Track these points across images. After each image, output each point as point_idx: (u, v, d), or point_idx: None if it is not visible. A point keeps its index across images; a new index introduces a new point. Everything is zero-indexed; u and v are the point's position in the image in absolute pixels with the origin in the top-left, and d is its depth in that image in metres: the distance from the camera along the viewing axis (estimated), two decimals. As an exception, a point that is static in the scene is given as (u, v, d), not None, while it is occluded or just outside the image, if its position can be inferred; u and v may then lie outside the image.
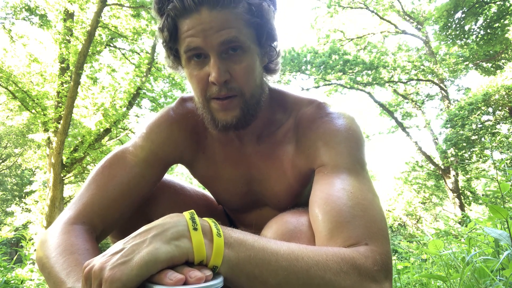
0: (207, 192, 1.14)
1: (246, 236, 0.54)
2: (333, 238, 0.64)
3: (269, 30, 0.80)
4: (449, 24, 10.40)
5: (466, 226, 2.62)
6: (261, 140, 0.92)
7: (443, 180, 13.24)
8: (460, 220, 8.61)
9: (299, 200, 0.93)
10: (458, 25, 10.36)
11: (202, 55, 0.75)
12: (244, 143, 0.93)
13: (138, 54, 10.41)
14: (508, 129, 11.13)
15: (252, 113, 0.81)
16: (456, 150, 11.41)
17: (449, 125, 11.35)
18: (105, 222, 0.82)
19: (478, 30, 10.49)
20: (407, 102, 14.58)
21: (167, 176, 1.01)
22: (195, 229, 0.49)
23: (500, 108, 10.75)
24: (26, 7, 8.67)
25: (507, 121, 10.86)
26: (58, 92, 8.68)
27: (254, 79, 0.79)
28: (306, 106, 0.89)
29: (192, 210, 0.53)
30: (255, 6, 0.74)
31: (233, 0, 0.71)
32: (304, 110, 0.88)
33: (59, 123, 8.06)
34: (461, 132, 10.81)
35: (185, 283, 0.45)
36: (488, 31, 10.28)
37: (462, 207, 12.23)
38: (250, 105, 0.79)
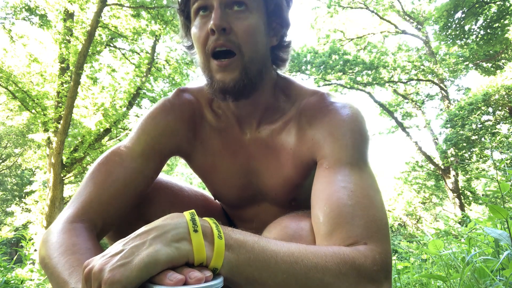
0: (205, 192, 1.13)
1: (246, 238, 0.54)
2: (332, 237, 0.64)
3: (278, 1, 0.82)
4: (449, 24, 10.41)
5: (466, 226, 2.62)
6: (261, 127, 0.90)
7: (443, 180, 13.24)
8: (460, 220, 8.61)
9: (298, 193, 0.91)
10: (458, 25, 10.36)
11: (208, 8, 0.78)
12: (244, 129, 0.91)
13: (138, 54, 10.41)
14: (508, 129, 11.13)
15: (251, 79, 0.80)
16: (456, 150, 11.41)
17: (449, 125, 11.36)
18: (104, 219, 0.81)
19: (478, 30, 10.49)
20: (407, 102, 14.58)
21: (165, 177, 1.00)
22: (196, 231, 0.49)
23: (500, 108, 10.76)
24: (26, 7, 8.66)
25: (507, 121, 10.87)
26: (58, 92, 8.69)
27: (255, 41, 0.79)
28: (310, 96, 0.88)
29: (193, 211, 0.53)
30: None
31: None
32: (309, 99, 0.87)
33: (59, 123, 8.06)
34: (461, 132, 10.81)
35: (185, 284, 0.45)
36: (488, 31, 10.28)
37: (462, 207, 12.24)
38: (250, 69, 0.79)
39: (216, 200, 1.12)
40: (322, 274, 0.54)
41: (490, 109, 10.97)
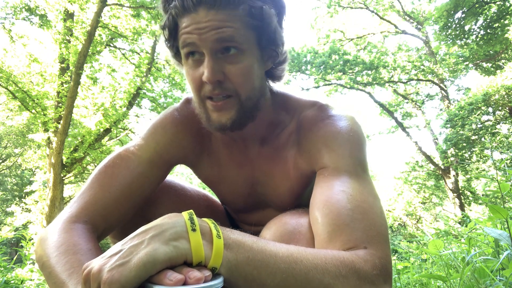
0: (207, 193, 1.15)
1: (245, 238, 0.54)
2: (332, 241, 0.64)
3: (271, 33, 0.78)
4: (449, 24, 10.40)
5: (466, 226, 2.62)
6: (265, 143, 0.92)
7: (443, 180, 13.24)
8: (460, 220, 8.61)
9: (300, 201, 0.93)
10: (458, 25, 10.36)
11: (197, 53, 0.74)
12: (248, 145, 0.93)
13: (138, 54, 10.41)
14: (508, 129, 11.13)
15: (248, 115, 0.80)
16: (456, 150, 11.41)
17: (449, 125, 11.35)
18: (107, 221, 0.81)
19: (478, 30, 10.49)
20: (407, 102, 14.58)
21: (168, 177, 1.01)
22: (194, 230, 0.49)
23: (500, 108, 10.75)
24: (26, 7, 8.66)
25: (507, 121, 10.86)
26: (58, 92, 8.68)
27: (251, 81, 0.78)
28: (308, 109, 0.89)
29: (191, 211, 0.53)
30: (256, 9, 0.73)
31: (232, 2, 0.71)
32: (306, 113, 0.88)
33: (59, 123, 8.06)
34: (461, 132, 10.81)
35: (184, 283, 0.45)
36: (488, 31, 10.28)
37: (462, 207, 12.23)
38: (246, 107, 0.78)
39: (221, 203, 1.14)
40: (322, 275, 0.54)
41: (490, 109, 10.97)
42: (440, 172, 13.12)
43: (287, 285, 0.53)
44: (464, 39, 10.78)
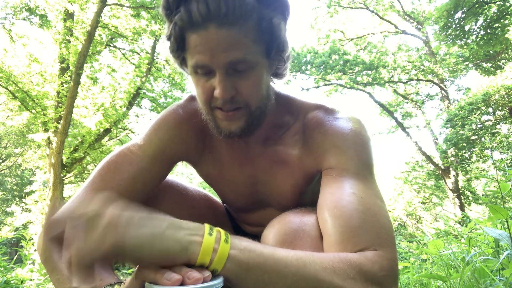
0: (208, 193, 1.15)
1: (256, 244, 0.56)
2: (343, 242, 0.64)
3: (279, 44, 0.77)
4: (449, 24, 10.41)
5: (466, 226, 2.62)
6: (267, 143, 0.92)
7: (443, 180, 13.23)
8: (460, 220, 8.60)
9: (301, 200, 0.93)
10: (458, 25, 10.36)
11: (208, 70, 0.74)
12: (250, 145, 0.93)
13: (138, 54, 10.40)
14: (508, 129, 11.12)
15: (256, 123, 0.81)
16: (456, 150, 11.40)
17: (449, 125, 11.35)
18: None
19: (478, 30, 10.49)
20: (407, 102, 14.57)
21: (170, 177, 1.01)
22: (210, 234, 0.52)
23: (500, 108, 10.74)
24: (26, 7, 8.66)
25: (507, 121, 10.85)
26: (58, 92, 8.68)
27: (261, 92, 0.78)
28: (313, 111, 0.89)
29: (215, 227, 0.56)
30: (265, 21, 0.72)
31: (242, 17, 0.68)
32: (312, 114, 0.88)
33: (59, 123, 8.06)
34: (461, 132, 10.80)
35: (182, 284, 0.45)
36: (488, 31, 10.28)
37: (462, 207, 12.23)
38: (255, 116, 0.79)
39: (221, 202, 1.14)
40: (331, 277, 0.55)
41: (490, 109, 10.96)
42: (440, 172, 13.12)
43: None
44: (464, 39, 10.79)
